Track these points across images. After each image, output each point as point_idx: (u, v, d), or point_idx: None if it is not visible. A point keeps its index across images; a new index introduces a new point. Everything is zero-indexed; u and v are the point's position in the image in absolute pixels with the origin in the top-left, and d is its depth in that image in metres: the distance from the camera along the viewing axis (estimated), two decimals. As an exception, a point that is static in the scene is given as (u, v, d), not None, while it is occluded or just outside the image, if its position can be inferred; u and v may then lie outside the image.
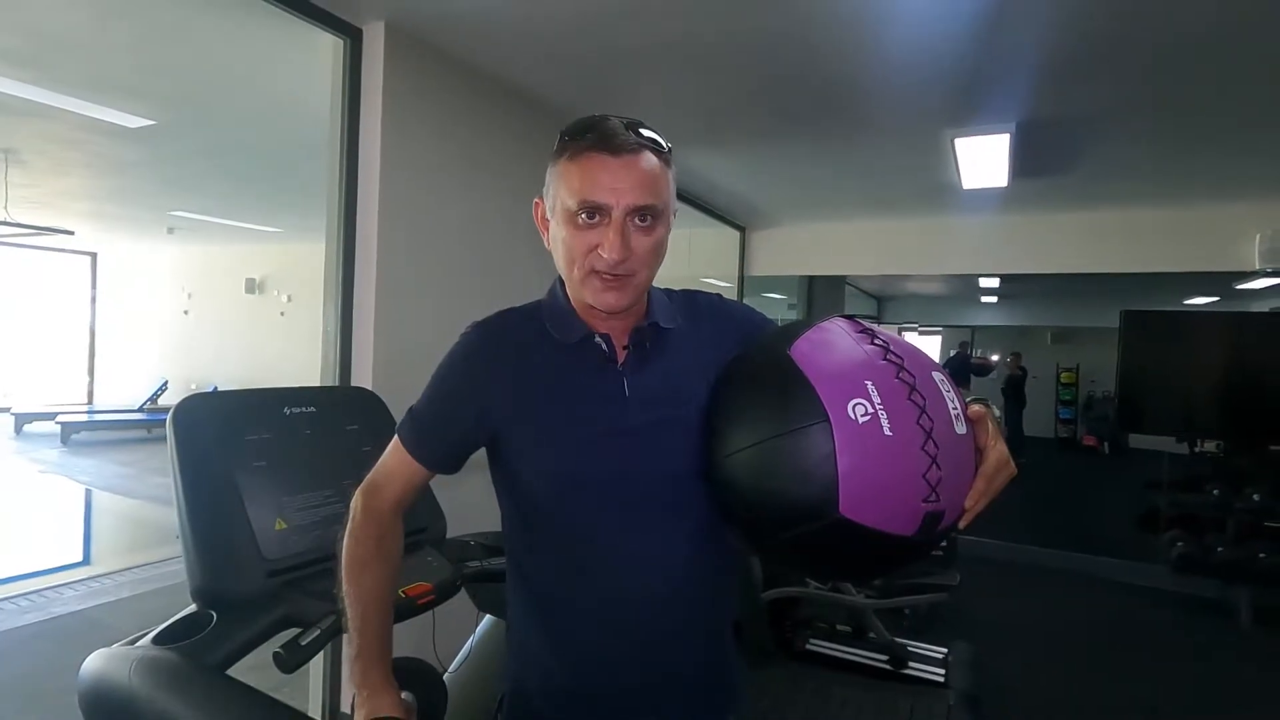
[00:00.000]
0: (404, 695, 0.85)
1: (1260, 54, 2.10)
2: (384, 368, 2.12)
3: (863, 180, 3.86)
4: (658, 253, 0.84)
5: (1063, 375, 11.32)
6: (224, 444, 1.10)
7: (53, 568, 4.07)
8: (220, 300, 8.94)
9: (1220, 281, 6.28)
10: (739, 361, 0.87)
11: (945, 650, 2.85)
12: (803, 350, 0.79)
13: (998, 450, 0.79)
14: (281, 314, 8.41)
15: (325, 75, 2.18)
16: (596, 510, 0.86)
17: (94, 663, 0.89)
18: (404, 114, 2.17)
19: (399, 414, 1.44)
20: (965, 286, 9.02)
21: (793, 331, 0.83)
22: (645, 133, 0.82)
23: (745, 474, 0.79)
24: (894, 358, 0.77)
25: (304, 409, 1.26)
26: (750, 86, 2.54)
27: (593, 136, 0.80)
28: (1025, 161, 3.18)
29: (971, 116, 2.71)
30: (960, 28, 2.00)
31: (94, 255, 9.92)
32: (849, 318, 0.86)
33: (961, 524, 0.79)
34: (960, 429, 0.76)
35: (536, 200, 0.90)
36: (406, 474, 0.91)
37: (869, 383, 0.74)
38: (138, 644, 0.93)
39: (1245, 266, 3.96)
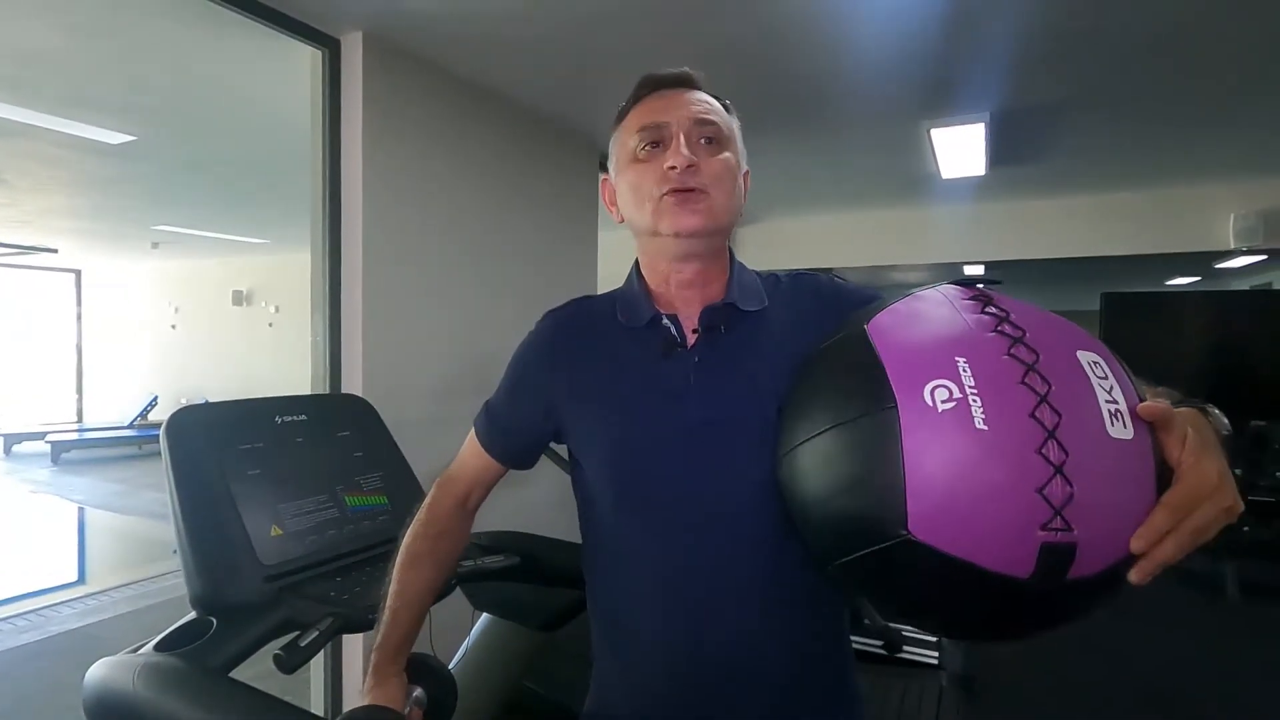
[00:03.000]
0: (416, 691, 0.88)
1: (1226, 41, 2.15)
2: (374, 375, 2.15)
3: (844, 173, 3.91)
4: (730, 176, 0.77)
5: (1050, 359, 11.40)
6: (217, 454, 1.12)
7: (48, 587, 4.06)
8: (208, 313, 8.91)
9: (1200, 262, 6.37)
10: (818, 345, 0.72)
11: (939, 633, 2.89)
12: (883, 323, 0.64)
13: (1200, 470, 0.53)
14: (270, 325, 8.38)
15: (305, 87, 2.19)
16: (652, 529, 0.75)
17: (98, 671, 0.91)
18: (385, 123, 2.19)
19: (390, 420, 1.48)
20: (951, 276, 9.04)
21: (880, 304, 0.69)
22: (697, 76, 0.83)
23: (797, 479, 0.64)
24: (1009, 329, 0.58)
25: (295, 417, 1.28)
26: (728, 86, 2.56)
27: (644, 88, 0.81)
28: (1002, 150, 3.23)
29: (946, 107, 2.75)
30: (931, 20, 2.04)
31: (78, 272, 9.85)
32: (962, 283, 0.68)
33: (1133, 577, 0.55)
34: (1120, 431, 0.54)
35: (604, 179, 0.87)
36: (477, 467, 0.89)
37: (961, 359, 0.56)
38: (140, 651, 0.95)
39: (1221, 246, 4.03)
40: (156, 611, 3.57)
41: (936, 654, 2.77)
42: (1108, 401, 0.55)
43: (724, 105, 0.83)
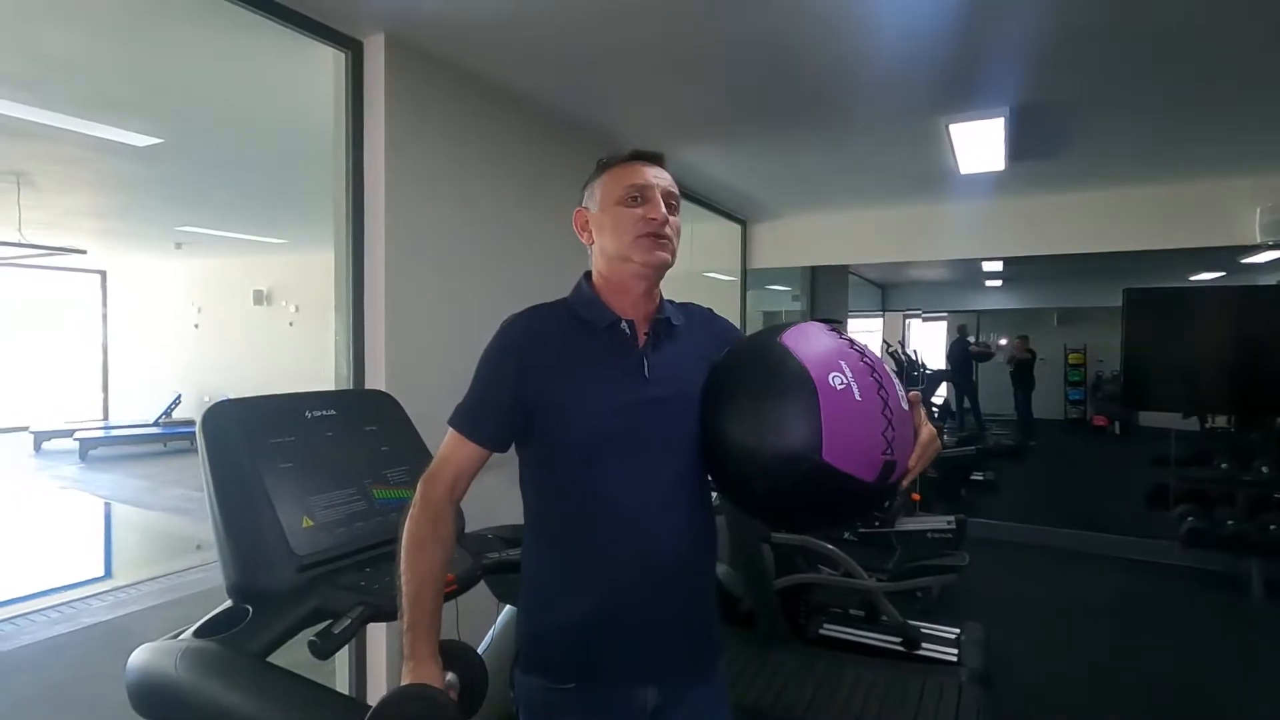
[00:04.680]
0: (448, 676, 0.93)
1: (1246, 34, 2.12)
2: (396, 372, 2.18)
3: (861, 170, 3.89)
4: (678, 234, 1.09)
5: (1070, 356, 11.28)
6: (251, 447, 1.15)
7: (78, 581, 4.15)
8: (229, 313, 9.04)
9: (1224, 257, 6.27)
10: (737, 350, 1.08)
11: (958, 631, 2.88)
12: (790, 340, 1.01)
13: (929, 428, 1.02)
14: (290, 324, 8.49)
15: (328, 88, 2.23)
16: (621, 468, 1.02)
17: (140, 656, 0.94)
18: (407, 123, 2.22)
19: (415, 415, 1.50)
20: (968, 271, 9.01)
21: (779, 328, 1.05)
22: (663, 160, 1.12)
23: (746, 430, 0.98)
24: (856, 348, 1.00)
25: (324, 412, 1.31)
26: (744, 83, 2.58)
27: (632, 154, 1.09)
28: (1021, 145, 3.20)
29: (965, 102, 2.73)
30: (949, 16, 2.03)
31: (104, 273, 10.03)
32: (822, 320, 1.11)
33: (904, 482, 0.99)
34: (905, 406, 0.98)
35: (578, 209, 1.13)
36: (459, 458, 1.03)
37: (842, 362, 0.96)
38: (180, 638, 0.98)
39: (1246, 240, 3.96)
40: (184, 605, 3.64)
41: (956, 651, 2.77)
42: (900, 390, 0.98)
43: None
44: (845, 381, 0.93)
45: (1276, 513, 3.83)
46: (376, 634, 2.13)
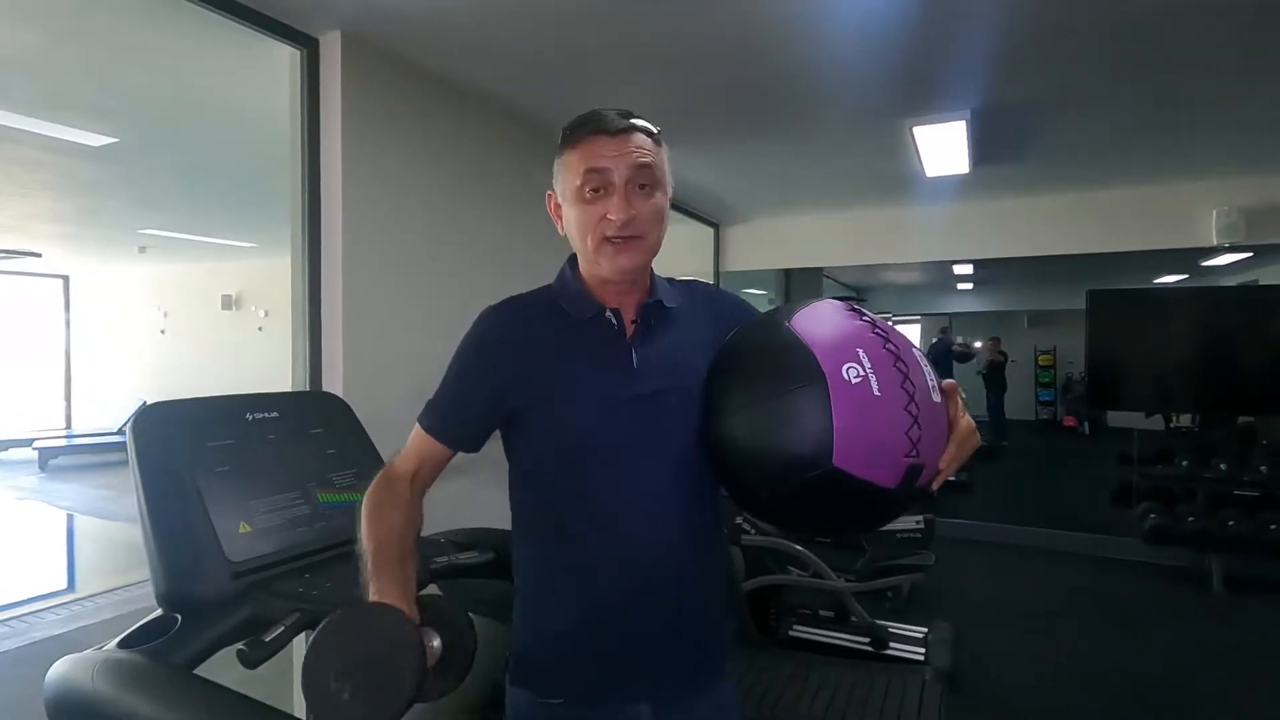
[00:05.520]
0: (434, 641, 0.82)
1: (1200, 38, 2.17)
2: (355, 375, 2.14)
3: (829, 173, 3.92)
4: (660, 217, 0.94)
5: (1041, 358, 11.48)
6: (186, 450, 1.11)
7: (33, 595, 4.02)
8: (197, 318, 8.85)
9: (1188, 259, 6.41)
10: (740, 335, 0.94)
11: (925, 630, 2.90)
12: (800, 323, 0.87)
13: (966, 420, 0.86)
14: (260, 329, 8.34)
15: (285, 87, 2.18)
16: (607, 470, 0.92)
17: (59, 669, 0.90)
18: (365, 122, 2.18)
19: (373, 417, 1.47)
20: (941, 274, 9.12)
21: (790, 309, 0.91)
22: (635, 120, 0.93)
23: (746, 430, 0.86)
24: (879, 332, 0.85)
25: (267, 414, 1.28)
26: (710, 86, 2.58)
27: (590, 123, 0.91)
28: (984, 147, 3.24)
29: (927, 104, 2.76)
30: (908, 18, 2.05)
31: (66, 278, 9.79)
32: (840, 299, 0.93)
33: (935, 484, 0.85)
34: (936, 398, 0.84)
35: (549, 193, 1.00)
36: (424, 453, 0.97)
37: (860, 350, 0.81)
38: (104, 649, 0.94)
39: (1204, 243, 4.05)
40: (142, 616, 3.53)
41: (923, 650, 2.78)
42: (930, 380, 0.84)
43: (655, 137, 0.95)
44: (862, 373, 0.79)
45: (1236, 509, 3.91)
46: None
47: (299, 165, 2.13)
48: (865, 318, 0.87)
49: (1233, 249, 4.43)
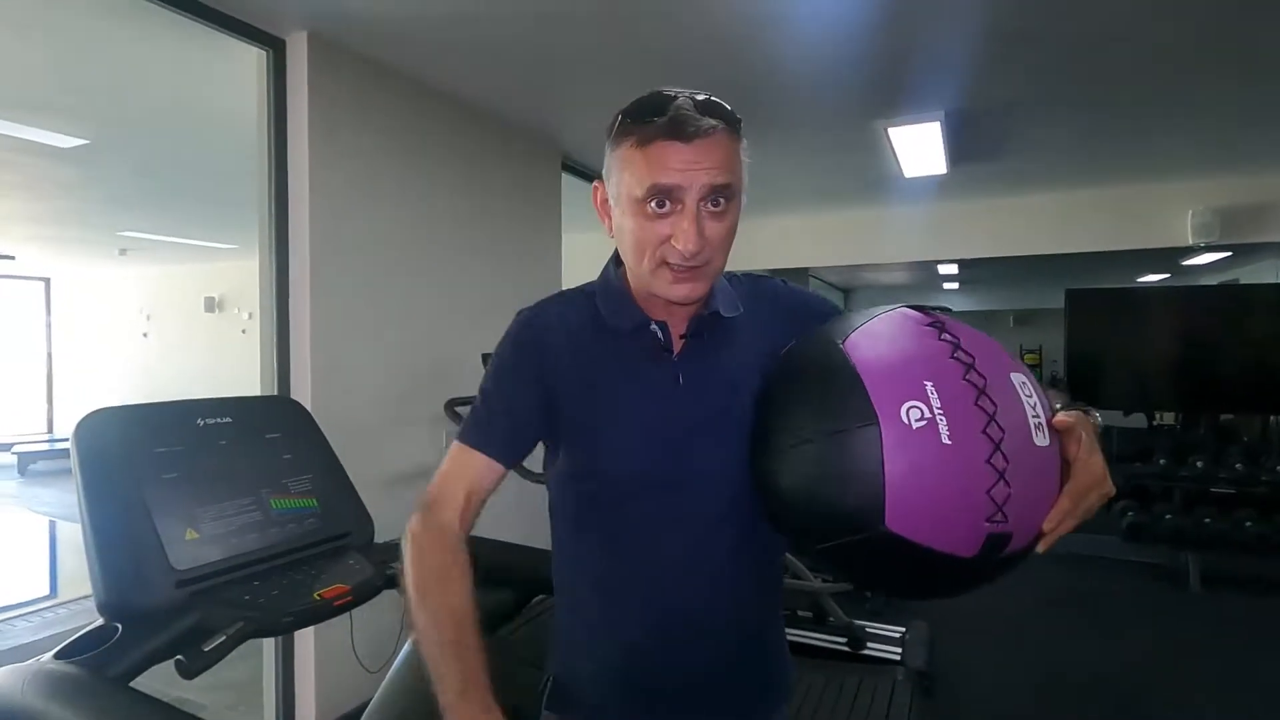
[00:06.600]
0: None
1: (1173, 40, 2.18)
2: (323, 377, 2.12)
3: (808, 173, 3.93)
4: (730, 237, 0.79)
5: (1026, 357, 11.54)
6: (130, 457, 1.09)
7: (7, 604, 3.97)
8: (180, 321, 8.77)
9: (1167, 259, 6.47)
10: (793, 352, 0.80)
11: (903, 630, 2.90)
12: (857, 343, 0.72)
13: (1090, 466, 0.68)
14: (243, 332, 8.27)
15: (253, 88, 2.17)
16: (639, 504, 0.82)
17: (-8, 681, 0.88)
18: (333, 124, 2.17)
19: (341, 424, 1.46)
20: (927, 274, 9.16)
21: (851, 321, 0.76)
22: (718, 112, 0.76)
23: (787, 477, 0.73)
24: (963, 356, 0.68)
25: (219, 420, 1.26)
26: (687, 86, 2.57)
27: (662, 122, 0.74)
28: (961, 148, 3.26)
29: (900, 106, 2.77)
30: (872, 20, 2.05)
31: (47, 280, 9.68)
32: (919, 308, 0.76)
33: (1040, 548, 0.70)
34: (1041, 440, 0.66)
35: (595, 184, 0.84)
36: (470, 477, 0.83)
37: (929, 383, 0.65)
38: (40, 660, 0.92)
39: (1180, 242, 4.10)
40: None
41: (899, 650, 2.78)
42: (1033, 416, 0.67)
43: (736, 131, 0.80)
44: (928, 415, 0.64)
45: (1213, 506, 3.94)
46: (304, 654, 2.05)
47: (266, 166, 2.12)
48: (946, 335, 0.70)
49: (1209, 248, 4.47)
